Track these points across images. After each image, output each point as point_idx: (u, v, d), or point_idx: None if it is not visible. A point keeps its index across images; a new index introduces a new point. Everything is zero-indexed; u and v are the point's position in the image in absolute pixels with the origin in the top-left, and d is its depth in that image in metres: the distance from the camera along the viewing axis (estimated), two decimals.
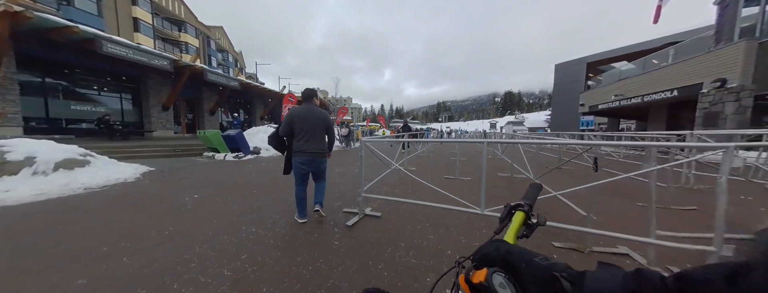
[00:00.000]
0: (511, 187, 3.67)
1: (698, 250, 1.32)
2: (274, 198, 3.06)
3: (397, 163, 4.22)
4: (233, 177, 4.38)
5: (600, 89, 13.68)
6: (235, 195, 3.16)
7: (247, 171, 5.03)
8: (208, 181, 3.98)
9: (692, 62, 8.10)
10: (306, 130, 2.17)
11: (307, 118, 2.19)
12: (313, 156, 2.20)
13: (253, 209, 2.66)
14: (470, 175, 4.48)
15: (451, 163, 5.94)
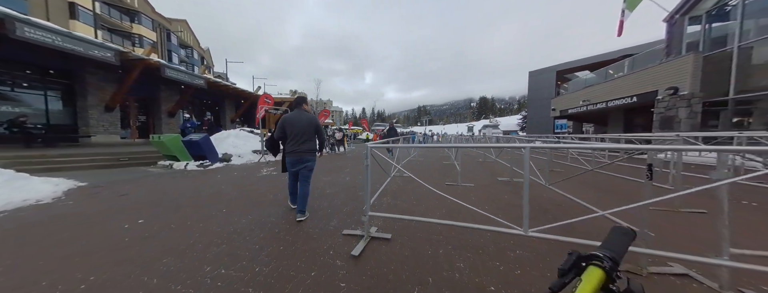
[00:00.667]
0: (518, 192, 3.45)
1: None
2: (251, 219, 2.43)
3: (392, 171, 3.84)
4: (196, 191, 3.58)
5: (569, 95, 14.91)
6: (198, 217, 2.47)
7: (215, 182, 4.20)
8: (160, 199, 3.15)
9: (648, 72, 9.08)
10: (297, 133, 2.43)
11: (297, 122, 2.45)
12: (302, 154, 2.45)
13: (223, 237, 2.04)
14: (472, 181, 4.22)
15: (446, 168, 5.67)
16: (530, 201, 3.03)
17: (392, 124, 8.68)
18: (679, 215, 2.52)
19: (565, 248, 1.66)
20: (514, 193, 3.45)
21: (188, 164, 5.65)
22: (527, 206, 1.55)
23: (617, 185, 3.90)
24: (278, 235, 2.08)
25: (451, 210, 2.64)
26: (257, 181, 4.31)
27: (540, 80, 20.92)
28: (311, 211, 2.62)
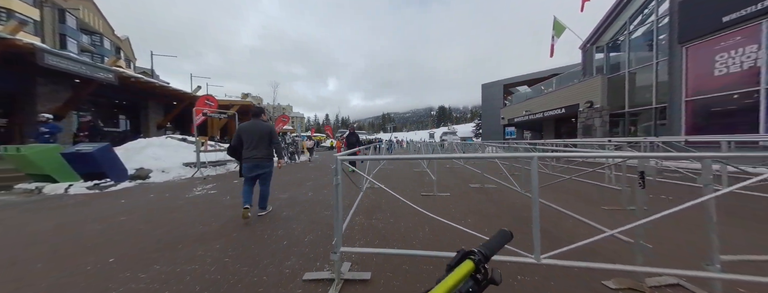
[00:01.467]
0: (495, 201, 3.34)
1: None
2: (158, 272, 1.59)
3: (364, 184, 3.27)
4: (76, 228, 2.45)
5: (513, 106, 17.22)
6: (55, 281, 1.53)
7: (113, 212, 3.01)
8: (4, 245, 2.00)
9: (571, 88, 11.09)
10: (251, 141, 2.65)
11: (252, 130, 2.67)
12: (258, 160, 2.64)
13: None
14: (447, 190, 4.01)
15: (419, 177, 5.46)
16: (507, 209, 2.97)
17: (352, 129, 7.22)
18: (629, 214, 2.58)
19: (578, 271, 1.50)
20: (491, 202, 3.30)
21: (71, 186, 3.98)
22: (538, 229, 1.26)
23: (584, 189, 3.83)
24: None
25: (434, 227, 2.29)
26: (183, 206, 3.29)
27: (490, 92, 23.72)
28: (261, 244, 2.03)
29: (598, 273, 1.45)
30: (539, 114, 13.33)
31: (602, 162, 4.45)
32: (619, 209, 2.76)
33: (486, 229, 2.24)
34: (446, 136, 56.43)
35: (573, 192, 3.66)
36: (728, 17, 5.90)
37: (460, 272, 0.32)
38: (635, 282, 1.41)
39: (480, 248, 0.36)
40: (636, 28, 9.20)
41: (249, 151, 2.65)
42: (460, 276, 0.31)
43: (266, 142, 2.70)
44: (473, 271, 0.33)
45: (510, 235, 0.43)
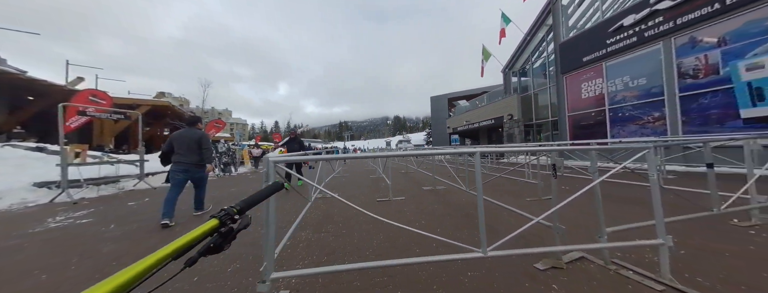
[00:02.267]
0: (445, 201, 3.51)
1: (650, 245, 1.49)
2: None
3: (313, 193, 3.09)
4: None
5: (456, 117, 19.71)
6: None
7: None
8: None
9: (497, 104, 13.53)
10: (181, 147, 2.83)
11: (183, 137, 2.86)
12: (188, 166, 2.80)
13: None
14: (402, 194, 4.07)
15: (374, 183, 5.47)
16: (455, 207, 3.13)
17: (295, 134, 5.67)
18: (544, 202, 3.17)
19: (515, 259, 1.63)
20: (441, 202, 3.44)
21: None
22: (483, 224, 1.34)
23: (511, 185, 4.52)
24: None
25: (389, 234, 2.21)
26: (22, 247, 2.20)
27: (438, 104, 26.55)
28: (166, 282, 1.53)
29: (530, 258, 1.64)
30: (476, 124, 15.66)
31: (523, 163, 5.52)
32: (538, 200, 3.35)
33: (438, 229, 2.35)
34: (402, 143, 59.51)
35: (503, 189, 4.22)
36: (586, 58, 8.44)
37: (197, 231, 0.33)
38: (556, 260, 1.63)
39: (234, 205, 0.38)
40: (536, 60, 12.10)
41: (177, 156, 2.78)
42: (197, 234, 0.33)
43: (196, 149, 2.82)
44: (217, 227, 0.34)
45: (280, 186, 0.46)
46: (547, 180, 4.15)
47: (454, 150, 4.16)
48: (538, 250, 1.44)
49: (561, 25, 9.82)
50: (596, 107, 8.24)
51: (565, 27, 9.73)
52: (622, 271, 1.49)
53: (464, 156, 5.06)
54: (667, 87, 6.41)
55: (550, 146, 5.91)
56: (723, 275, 1.43)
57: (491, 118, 13.88)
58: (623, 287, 1.35)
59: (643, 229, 1.74)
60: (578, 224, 2.32)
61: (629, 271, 1.49)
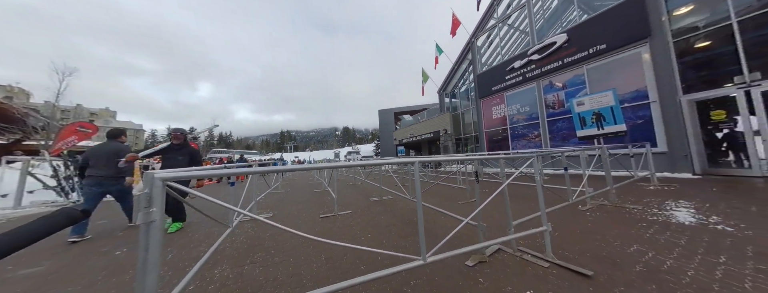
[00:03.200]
0: (391, 211, 3.59)
1: (539, 231, 1.90)
2: None
3: (234, 218, 2.35)
4: None
5: (402, 130, 21.41)
6: None
7: None
8: None
9: (435, 119, 15.59)
10: (98, 160, 2.95)
11: (101, 150, 3.01)
12: (101, 179, 2.88)
13: None
14: (349, 207, 4.01)
15: (319, 197, 5.24)
16: (400, 216, 3.22)
17: (182, 137, 3.27)
18: (471, 204, 3.69)
19: (451, 260, 1.77)
20: (387, 212, 3.52)
21: None
22: (423, 232, 1.42)
23: (445, 191, 5.01)
24: None
25: (332, 254, 2.06)
26: None
27: (386, 117, 28.16)
28: None
29: (462, 257, 1.81)
30: (418, 137, 17.42)
31: (455, 171, 6.54)
32: (467, 202, 3.88)
33: (384, 241, 2.35)
34: (351, 155, 58.92)
35: (441, 195, 4.65)
36: (494, 88, 10.98)
37: None
38: (481, 255, 1.83)
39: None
40: (462, 85, 14.82)
41: (92, 170, 2.85)
42: None
43: (111, 162, 2.90)
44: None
45: (74, 216, 0.42)
46: (473, 185, 4.93)
47: (397, 160, 4.48)
48: (468, 249, 1.57)
49: (477, 61, 12.55)
50: (502, 126, 10.69)
51: (480, 62, 12.49)
52: (525, 256, 1.84)
53: (408, 166, 5.10)
54: (540, 114, 9.03)
55: (473, 156, 7.31)
56: (577, 247, 1.98)
57: (430, 132, 15.78)
58: (525, 268, 1.69)
59: (535, 219, 2.10)
60: (495, 220, 2.76)
61: (528, 255, 1.86)
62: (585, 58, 7.60)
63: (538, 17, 9.75)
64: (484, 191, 4.62)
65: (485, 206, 1.70)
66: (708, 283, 1.42)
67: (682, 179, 5.10)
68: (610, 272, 1.60)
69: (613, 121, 4.84)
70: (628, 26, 6.61)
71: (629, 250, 1.90)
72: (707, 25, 5.54)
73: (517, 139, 9.98)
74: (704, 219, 2.52)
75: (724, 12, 5.29)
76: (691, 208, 2.91)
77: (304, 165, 1.28)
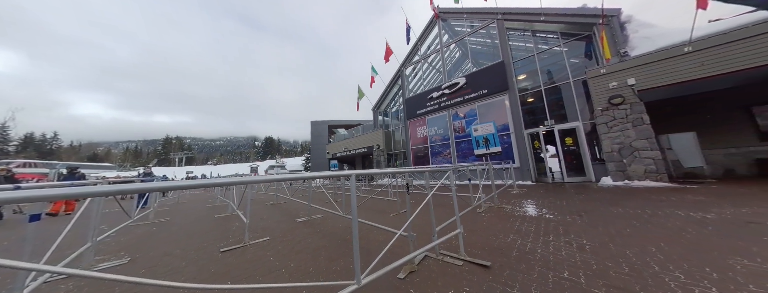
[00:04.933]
0: (320, 231, 3.34)
1: (453, 234, 2.25)
2: None
3: (24, 280, 1.17)
4: None
5: (336, 143, 21.45)
6: None
7: None
8: None
9: (369, 135, 16.75)
10: None
11: None
12: None
13: None
14: (266, 233, 3.38)
15: (222, 223, 4.24)
16: (330, 236, 3.07)
17: None
18: (402, 215, 4.08)
19: (388, 274, 1.72)
20: (317, 233, 3.26)
21: None
22: (358, 252, 1.41)
23: (378, 205, 5.22)
24: None
25: None
26: None
27: (318, 129, 27.37)
28: None
29: (395, 271, 1.84)
30: (353, 151, 17.98)
31: (387, 184, 7.29)
32: (397, 213, 4.18)
33: (311, 269, 2.09)
34: (274, 169, 51.93)
35: (374, 208, 4.78)
36: (418, 111, 13.24)
37: None
38: (411, 266, 1.93)
39: None
40: (393, 106, 16.88)
41: None
42: None
43: None
44: None
45: None
46: (403, 197, 5.71)
47: (330, 174, 4.54)
48: (400, 262, 1.63)
49: (406, 87, 14.85)
50: (424, 144, 12.86)
51: (408, 88, 14.84)
52: (446, 259, 2.05)
53: (342, 181, 5.18)
54: (450, 136, 11.61)
55: (406, 169, 8.47)
56: (479, 243, 2.41)
57: (365, 147, 16.71)
58: (446, 270, 1.88)
59: (451, 223, 2.42)
60: (420, 228, 3.02)
61: (448, 257, 2.08)
62: (476, 98, 10.64)
63: (448, 62, 12.92)
64: (412, 202, 5.54)
65: (414, 215, 1.87)
66: (546, 256, 2.06)
67: (527, 185, 7.87)
68: (500, 259, 2.02)
69: (494, 144, 7.03)
70: (497, 81, 9.93)
71: (508, 240, 2.50)
72: (532, 88, 9.18)
73: (435, 156, 12.24)
74: (540, 211, 3.77)
75: (538, 82, 8.97)
76: (533, 205, 4.28)
77: (189, 182, 0.93)
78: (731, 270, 1.67)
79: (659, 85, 5.90)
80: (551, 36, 9.11)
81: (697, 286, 1.50)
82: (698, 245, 2.10)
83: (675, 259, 1.87)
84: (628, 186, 5.73)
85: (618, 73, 6.49)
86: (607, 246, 2.22)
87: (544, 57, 9.13)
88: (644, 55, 6.22)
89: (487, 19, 10.92)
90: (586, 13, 7.78)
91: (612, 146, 6.43)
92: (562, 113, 8.41)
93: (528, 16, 9.38)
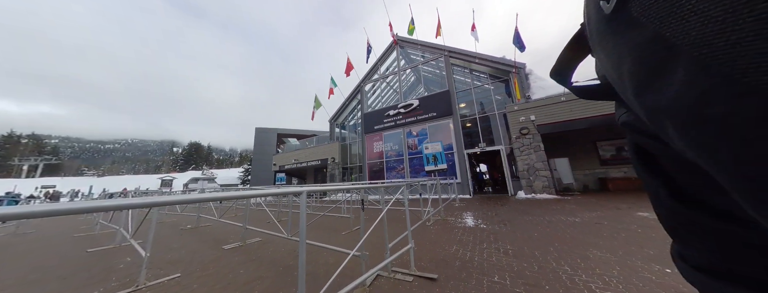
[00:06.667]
0: (257, 259, 2.88)
1: (405, 250, 2.31)
2: None
3: None
4: None
5: (285, 154, 20.35)
6: None
7: None
8: None
9: (324, 147, 16.76)
10: None
11: None
12: None
13: None
14: (176, 268, 2.73)
15: (102, 259, 3.20)
16: (269, 263, 2.73)
17: None
18: (355, 232, 4.05)
19: None
20: (252, 261, 2.81)
21: None
22: (304, 280, 1.41)
23: (329, 222, 5.17)
24: None
25: None
26: None
27: (265, 137, 25.38)
28: None
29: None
30: (305, 163, 17.44)
31: (340, 200, 7.58)
32: (350, 231, 4.12)
33: None
34: (198, 183, 43.95)
35: (324, 227, 4.64)
36: (376, 127, 14.26)
37: None
38: (363, 289, 1.87)
39: None
40: (352, 119, 17.53)
41: None
42: None
43: None
44: None
45: None
46: (357, 213, 5.50)
47: (275, 191, 4.02)
48: (350, 287, 1.61)
49: (364, 102, 15.84)
50: (380, 159, 13.78)
51: (366, 104, 15.85)
52: (397, 276, 2.09)
53: (289, 197, 4.83)
54: (404, 152, 12.91)
55: (361, 184, 8.94)
56: (428, 257, 2.55)
57: (318, 159, 16.54)
58: (396, 287, 1.90)
59: (403, 239, 2.49)
60: (372, 244, 3.01)
61: (399, 273, 2.12)
62: (427, 119, 12.35)
63: (404, 84, 14.63)
64: (366, 218, 4.40)
65: (367, 233, 1.91)
66: (482, 263, 2.30)
67: (467, 199, 9.47)
68: (446, 271, 2.12)
69: (441, 161, 8.34)
70: (443, 106, 11.90)
71: (452, 250, 2.68)
72: (470, 115, 11.39)
73: (390, 171, 13.24)
74: (476, 222, 4.32)
75: (474, 111, 11.22)
76: (471, 216, 4.88)
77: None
78: (592, 259, 2.30)
79: (548, 122, 8.43)
80: (483, 75, 11.72)
81: (576, 274, 2.02)
82: (573, 242, 2.87)
83: (564, 255, 2.46)
84: (534, 198, 7.75)
85: (525, 111, 8.93)
86: (523, 249, 2.70)
87: (478, 91, 11.60)
88: (539, 99, 8.84)
89: (436, 53, 13.18)
90: (504, 63, 10.52)
91: (523, 166, 8.60)
92: (490, 138, 10.70)
93: (467, 56, 11.87)
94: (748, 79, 0.13)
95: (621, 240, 2.86)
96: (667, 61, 0.18)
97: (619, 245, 2.69)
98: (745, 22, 0.13)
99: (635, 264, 2.15)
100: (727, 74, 0.14)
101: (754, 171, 0.15)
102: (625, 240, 2.85)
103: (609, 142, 9.31)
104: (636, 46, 0.20)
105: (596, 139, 9.45)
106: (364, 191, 2.76)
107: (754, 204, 0.16)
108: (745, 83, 0.14)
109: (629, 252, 2.46)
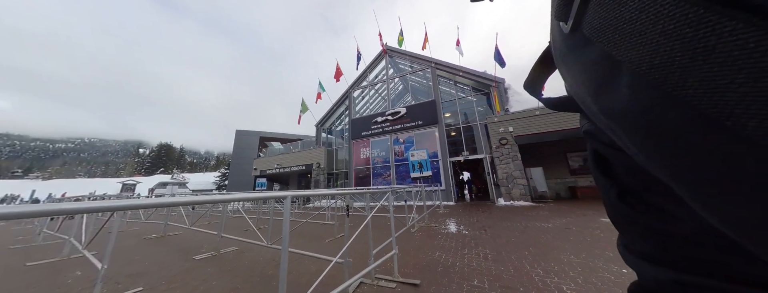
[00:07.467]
0: (233, 270, 2.73)
1: (389, 256, 2.34)
2: None
3: None
4: None
5: (267, 159, 19.90)
6: None
7: None
8: None
9: (309, 152, 16.69)
10: None
11: None
12: None
13: None
14: (140, 280, 2.53)
15: (50, 276, 2.79)
16: (246, 273, 2.62)
17: None
18: (340, 239, 4.08)
19: None
20: (226, 273, 2.67)
21: None
22: (285, 290, 1.40)
23: (313, 229, 5.04)
24: None
25: None
26: None
27: (246, 140, 24.64)
28: None
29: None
30: (288, 168, 17.16)
31: (325, 206, 7.65)
32: (334, 239, 4.09)
33: None
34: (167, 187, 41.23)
35: (307, 234, 4.56)
36: (363, 133, 14.53)
37: None
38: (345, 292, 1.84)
39: None
40: (339, 125, 17.66)
41: None
42: None
43: None
44: None
45: None
46: (342, 220, 5.55)
47: (259, 195, 3.67)
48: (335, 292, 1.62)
49: (352, 108, 16.11)
50: (366, 165, 13.99)
51: (354, 110, 16.13)
52: (381, 283, 2.12)
53: (270, 203, 4.71)
54: (391, 159, 13.25)
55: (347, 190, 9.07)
56: (412, 263, 2.61)
57: (303, 164, 16.38)
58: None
59: (387, 245, 2.50)
60: (356, 251, 3.09)
61: (382, 280, 2.15)
62: (414, 127, 12.86)
63: (392, 92, 15.15)
64: (351, 225, 4.97)
65: (351, 240, 1.92)
66: (463, 268, 2.39)
67: (450, 205, 9.92)
68: (428, 276, 2.18)
69: (426, 168, 8.72)
70: (429, 115, 12.50)
71: (435, 256, 2.73)
72: (454, 124, 12.06)
73: (377, 177, 13.47)
74: (459, 228, 4.47)
75: (458, 120, 11.90)
76: (454, 223, 5.08)
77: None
78: (561, 262, 2.48)
79: (525, 134, 9.21)
80: (467, 87, 12.54)
81: (548, 276, 2.16)
82: (546, 246, 3.06)
83: (538, 259, 2.62)
84: (512, 204, 8.35)
85: (504, 123, 9.69)
86: (501, 254, 2.82)
87: (462, 102, 12.36)
88: (516, 112, 9.65)
89: (424, 64, 13.91)
90: (486, 77, 11.39)
91: (502, 174, 9.24)
92: (473, 146, 11.38)
93: (452, 69, 12.67)
94: (678, 93, 0.15)
95: (586, 243, 3.12)
96: (612, 75, 0.20)
97: (584, 248, 2.95)
98: (676, 43, 0.14)
99: (597, 265, 2.38)
100: (660, 86, 0.16)
101: (689, 169, 0.17)
102: (590, 243, 3.12)
103: (577, 153, 10.32)
104: (588, 61, 0.22)
105: (567, 150, 10.43)
106: (350, 197, 2.70)
107: (692, 196, 0.19)
108: (676, 96, 0.15)
109: (593, 254, 2.71)
